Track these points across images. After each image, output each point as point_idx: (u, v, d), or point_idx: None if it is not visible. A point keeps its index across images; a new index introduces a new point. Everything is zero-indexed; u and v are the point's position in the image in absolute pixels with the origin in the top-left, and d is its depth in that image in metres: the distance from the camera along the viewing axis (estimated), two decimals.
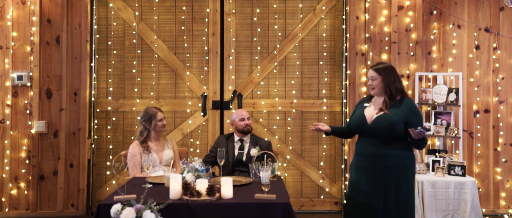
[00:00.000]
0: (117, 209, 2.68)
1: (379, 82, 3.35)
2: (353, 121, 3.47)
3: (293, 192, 5.17)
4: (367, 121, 3.36)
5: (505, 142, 5.04)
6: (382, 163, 3.31)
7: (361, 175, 3.40)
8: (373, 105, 3.43)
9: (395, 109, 3.30)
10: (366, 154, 3.36)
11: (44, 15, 4.97)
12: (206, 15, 5.20)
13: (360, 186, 3.38)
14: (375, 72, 3.37)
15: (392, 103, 3.32)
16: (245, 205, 2.88)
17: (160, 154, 3.98)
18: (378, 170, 3.32)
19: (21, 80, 4.88)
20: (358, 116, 3.43)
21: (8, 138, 4.92)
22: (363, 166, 3.39)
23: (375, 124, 3.30)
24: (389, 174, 3.31)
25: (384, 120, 3.27)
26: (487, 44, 5.07)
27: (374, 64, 3.49)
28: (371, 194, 3.33)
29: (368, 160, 3.36)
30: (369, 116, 3.37)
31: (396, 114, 3.27)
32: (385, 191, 3.31)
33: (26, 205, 4.93)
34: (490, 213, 5.01)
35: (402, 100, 3.34)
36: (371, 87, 3.41)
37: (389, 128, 3.25)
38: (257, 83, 5.20)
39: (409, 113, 3.28)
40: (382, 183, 3.31)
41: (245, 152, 4.13)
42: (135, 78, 5.17)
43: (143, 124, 4.01)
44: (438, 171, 4.52)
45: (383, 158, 3.31)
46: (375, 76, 3.36)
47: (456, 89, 4.82)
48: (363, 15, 5.07)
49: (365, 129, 3.36)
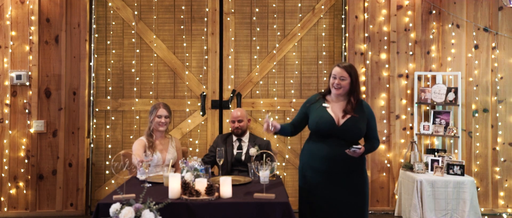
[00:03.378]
0: (116, 209, 2.69)
1: (348, 83, 3.24)
2: (319, 120, 3.24)
3: (292, 192, 5.16)
4: (336, 122, 3.22)
5: (504, 142, 5.05)
6: (349, 166, 3.22)
7: (322, 179, 3.23)
8: (332, 106, 3.29)
9: (358, 111, 3.26)
10: (331, 157, 3.20)
11: (43, 14, 4.97)
12: (205, 15, 5.20)
13: (321, 190, 3.23)
14: (346, 72, 3.23)
15: (355, 106, 3.26)
16: (244, 204, 2.89)
17: (163, 154, 3.91)
18: (343, 174, 3.21)
19: (20, 79, 4.88)
20: (325, 116, 3.24)
21: (7, 137, 4.91)
22: (325, 170, 3.22)
23: (346, 126, 3.20)
24: (356, 177, 3.25)
25: (356, 122, 3.21)
26: (486, 43, 5.07)
27: (340, 63, 3.31)
28: (337, 199, 3.21)
29: (333, 163, 3.20)
30: (335, 117, 3.24)
31: (362, 116, 3.26)
32: (353, 196, 3.23)
33: (25, 205, 4.93)
34: (489, 213, 5.02)
35: (361, 103, 3.31)
36: (336, 87, 3.24)
37: (361, 131, 3.24)
38: (256, 83, 5.20)
39: (369, 116, 3.31)
40: (348, 187, 3.22)
41: (243, 151, 4.12)
42: (134, 78, 5.17)
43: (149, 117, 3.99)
44: (437, 170, 4.53)
45: (351, 160, 3.19)
46: (345, 77, 3.23)
47: (455, 88, 4.83)
48: (362, 15, 5.07)
49: (333, 131, 3.21)
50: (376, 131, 3.35)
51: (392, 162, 5.05)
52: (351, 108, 3.23)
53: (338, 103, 3.29)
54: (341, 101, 3.30)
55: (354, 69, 3.28)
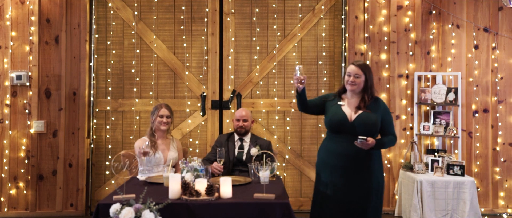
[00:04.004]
0: (116, 209, 2.68)
1: (362, 81, 3.30)
2: (332, 117, 3.30)
3: (292, 192, 5.17)
4: (348, 118, 3.28)
5: (504, 142, 5.05)
6: (363, 163, 3.23)
7: (336, 176, 3.26)
8: (347, 103, 3.35)
9: (372, 107, 3.30)
10: (345, 153, 3.23)
11: (43, 14, 4.97)
12: (205, 15, 5.20)
13: (335, 188, 3.25)
14: (360, 70, 3.29)
15: (369, 103, 3.31)
16: (244, 204, 2.89)
17: (165, 153, 3.98)
18: (357, 171, 3.23)
19: (20, 80, 4.88)
20: (338, 113, 3.29)
21: (7, 137, 4.91)
22: (340, 166, 3.26)
23: (358, 122, 3.24)
24: (369, 175, 3.25)
25: (368, 118, 3.24)
26: (486, 44, 5.07)
27: (355, 61, 3.38)
28: (350, 197, 3.22)
29: (347, 160, 3.23)
30: (348, 114, 3.29)
31: (376, 112, 3.29)
32: (366, 194, 3.23)
33: (25, 205, 4.93)
34: (489, 213, 5.02)
35: (377, 100, 3.36)
36: (351, 84, 3.29)
37: (374, 125, 3.25)
38: (256, 83, 5.20)
39: (385, 112, 3.33)
40: (362, 184, 3.23)
41: (245, 151, 4.13)
42: (134, 78, 5.17)
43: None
44: (437, 170, 4.53)
45: (365, 157, 3.22)
46: (359, 74, 3.28)
47: (455, 89, 4.83)
48: (362, 15, 5.07)
49: (345, 126, 3.25)
50: (392, 127, 3.38)
51: (392, 162, 5.04)
52: (364, 105, 3.29)
53: (352, 100, 3.36)
54: (355, 98, 3.35)
55: (368, 67, 3.35)
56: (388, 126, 3.34)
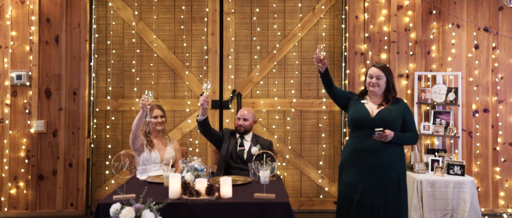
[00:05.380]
0: (117, 209, 2.68)
1: (384, 82, 3.44)
2: (354, 112, 3.45)
3: (292, 192, 5.17)
4: (370, 114, 3.39)
5: (504, 142, 5.05)
6: (384, 158, 3.33)
7: (358, 172, 3.37)
8: (370, 102, 3.48)
9: (393, 105, 3.44)
10: (366, 149, 3.35)
11: (43, 14, 4.97)
12: (205, 15, 5.20)
13: (357, 183, 3.36)
14: (382, 71, 3.44)
15: (390, 102, 3.45)
16: (245, 204, 2.89)
17: (161, 152, 4.00)
18: (378, 166, 3.32)
19: (20, 79, 4.88)
20: (360, 108, 3.44)
21: (7, 137, 4.91)
22: (362, 162, 3.36)
23: (379, 117, 3.36)
24: (390, 170, 3.34)
25: (389, 113, 3.37)
26: (486, 43, 5.07)
27: (376, 63, 3.53)
28: (371, 192, 3.32)
29: (368, 155, 3.35)
30: (370, 110, 3.42)
31: (397, 109, 3.42)
32: (386, 189, 3.32)
33: (25, 205, 4.93)
34: (489, 213, 5.01)
35: (398, 100, 3.51)
36: (373, 85, 3.44)
37: (394, 120, 3.35)
38: (256, 83, 5.20)
39: (406, 110, 3.46)
40: (383, 180, 3.32)
41: (245, 149, 4.13)
42: (134, 78, 5.17)
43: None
44: (437, 170, 4.52)
45: (385, 152, 3.33)
46: (381, 76, 3.43)
47: (455, 89, 4.82)
48: (363, 15, 5.07)
49: (367, 122, 3.37)
50: (413, 125, 3.48)
51: None
52: (386, 102, 3.42)
53: (375, 99, 3.48)
54: (377, 99, 3.48)
55: (389, 69, 3.52)
56: (409, 124, 3.45)
